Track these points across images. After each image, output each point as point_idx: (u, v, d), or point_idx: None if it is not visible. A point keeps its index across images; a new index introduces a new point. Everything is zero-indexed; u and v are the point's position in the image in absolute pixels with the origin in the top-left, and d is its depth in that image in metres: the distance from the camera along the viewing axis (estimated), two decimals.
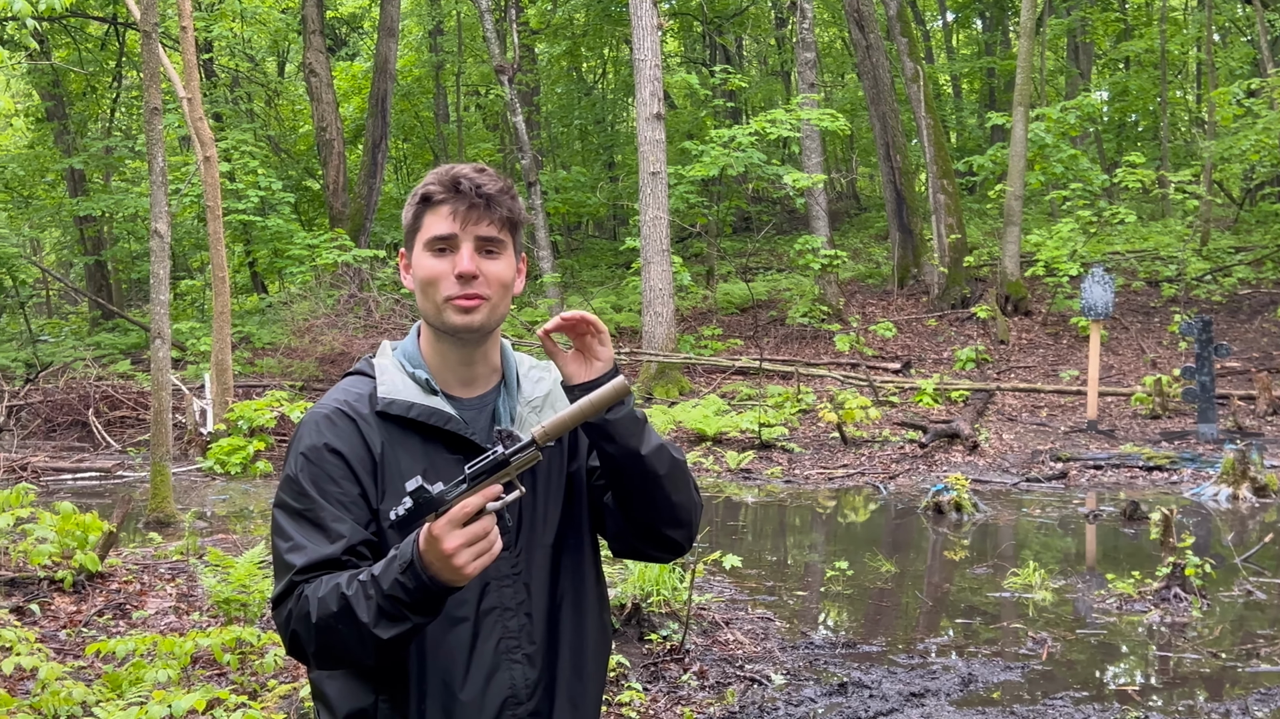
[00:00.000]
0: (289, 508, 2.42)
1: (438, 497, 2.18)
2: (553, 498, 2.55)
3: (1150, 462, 14.80)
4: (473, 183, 2.44)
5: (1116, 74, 34.57)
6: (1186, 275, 22.92)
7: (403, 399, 2.46)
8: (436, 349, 2.54)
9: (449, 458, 2.45)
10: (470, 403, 2.54)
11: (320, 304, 22.53)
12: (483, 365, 2.55)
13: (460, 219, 2.43)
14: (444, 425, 2.46)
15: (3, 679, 6.40)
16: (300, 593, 2.34)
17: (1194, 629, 8.21)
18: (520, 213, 2.51)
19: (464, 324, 2.44)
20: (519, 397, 2.57)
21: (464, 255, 2.42)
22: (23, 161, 30.53)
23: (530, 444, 2.23)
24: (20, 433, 18.79)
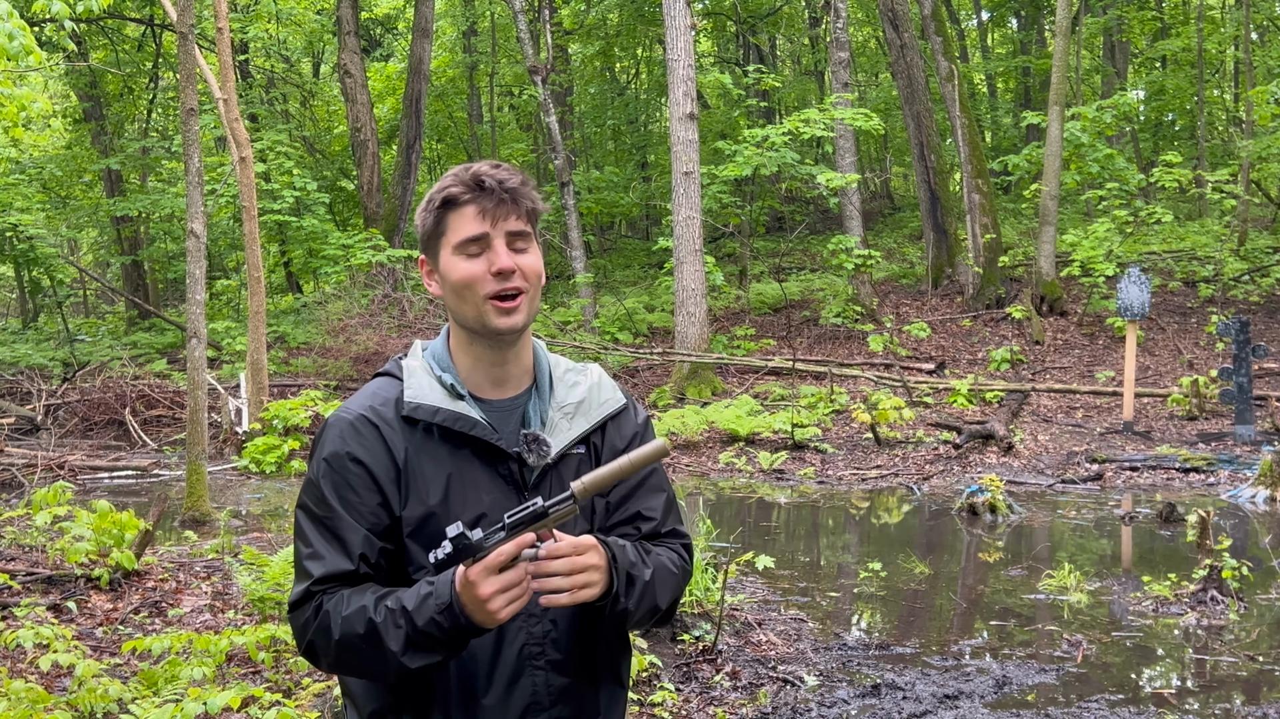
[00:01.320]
0: (310, 513, 2.44)
1: (476, 543, 2.21)
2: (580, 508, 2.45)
3: (1187, 463, 14.69)
4: (495, 179, 2.42)
5: (1153, 73, 34.33)
6: (1224, 275, 22.74)
7: (429, 404, 2.44)
8: (469, 351, 2.51)
9: (476, 463, 2.45)
10: (500, 405, 2.51)
11: (354, 304, 22.63)
12: (515, 366, 2.52)
13: (490, 217, 2.41)
14: (469, 431, 2.43)
15: (40, 676, 6.45)
16: (319, 605, 2.37)
17: (1230, 632, 8.15)
18: (540, 204, 2.50)
19: (509, 325, 2.42)
20: (551, 400, 2.54)
21: (500, 252, 2.40)
22: (60, 162, 30.78)
23: (569, 498, 2.24)
24: (58, 431, 18.95)
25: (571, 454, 2.52)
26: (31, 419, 19.31)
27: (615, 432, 2.60)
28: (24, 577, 8.40)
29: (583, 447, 2.55)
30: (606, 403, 2.60)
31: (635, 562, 2.42)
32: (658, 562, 2.50)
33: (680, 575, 2.57)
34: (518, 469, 2.46)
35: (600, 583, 2.31)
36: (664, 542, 2.60)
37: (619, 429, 2.61)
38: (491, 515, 2.39)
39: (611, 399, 2.61)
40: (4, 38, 9.49)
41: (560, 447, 2.49)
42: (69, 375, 22.01)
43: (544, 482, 2.48)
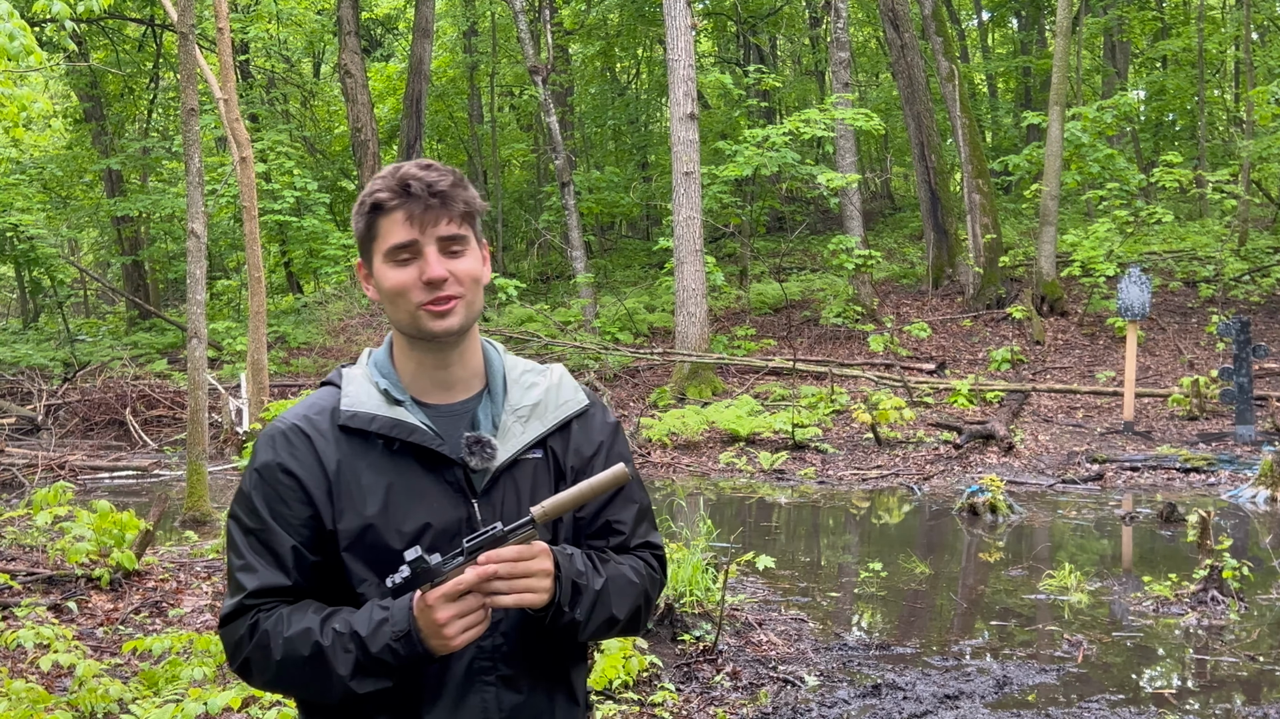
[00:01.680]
0: (242, 524, 2.37)
1: (435, 568, 2.19)
2: None
3: (1187, 463, 14.70)
4: (423, 182, 2.31)
5: (1153, 73, 34.32)
6: (1224, 276, 22.74)
7: (365, 411, 2.36)
8: (410, 356, 2.42)
9: (419, 471, 2.36)
10: (447, 409, 2.42)
11: (355, 304, 22.65)
12: (461, 369, 2.43)
13: (418, 223, 2.31)
14: (407, 438, 2.34)
15: (41, 676, 6.45)
16: (256, 623, 2.30)
17: (1231, 632, 8.15)
18: (476, 202, 2.39)
19: (443, 329, 2.33)
20: (505, 403, 2.44)
21: (430, 260, 2.30)
22: (61, 162, 30.78)
23: (529, 523, 2.21)
24: (58, 431, 18.95)
25: (527, 459, 2.43)
26: (32, 419, 19.32)
27: (582, 435, 2.50)
28: (24, 577, 8.40)
29: (539, 451, 2.45)
30: (565, 405, 2.49)
31: (584, 571, 2.33)
32: (615, 571, 2.41)
33: (645, 585, 2.47)
34: (463, 476, 2.36)
35: (545, 589, 2.24)
36: (635, 553, 2.51)
37: (585, 433, 2.51)
38: (437, 525, 2.33)
39: (572, 401, 2.51)
40: (5, 38, 9.49)
41: (512, 451, 2.40)
42: (69, 375, 22.02)
43: (496, 488, 2.38)
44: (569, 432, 2.49)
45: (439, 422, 2.39)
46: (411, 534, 2.31)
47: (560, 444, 2.47)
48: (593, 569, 2.37)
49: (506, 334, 22.77)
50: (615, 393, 20.41)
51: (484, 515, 2.35)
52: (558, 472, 2.46)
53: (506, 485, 2.39)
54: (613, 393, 20.28)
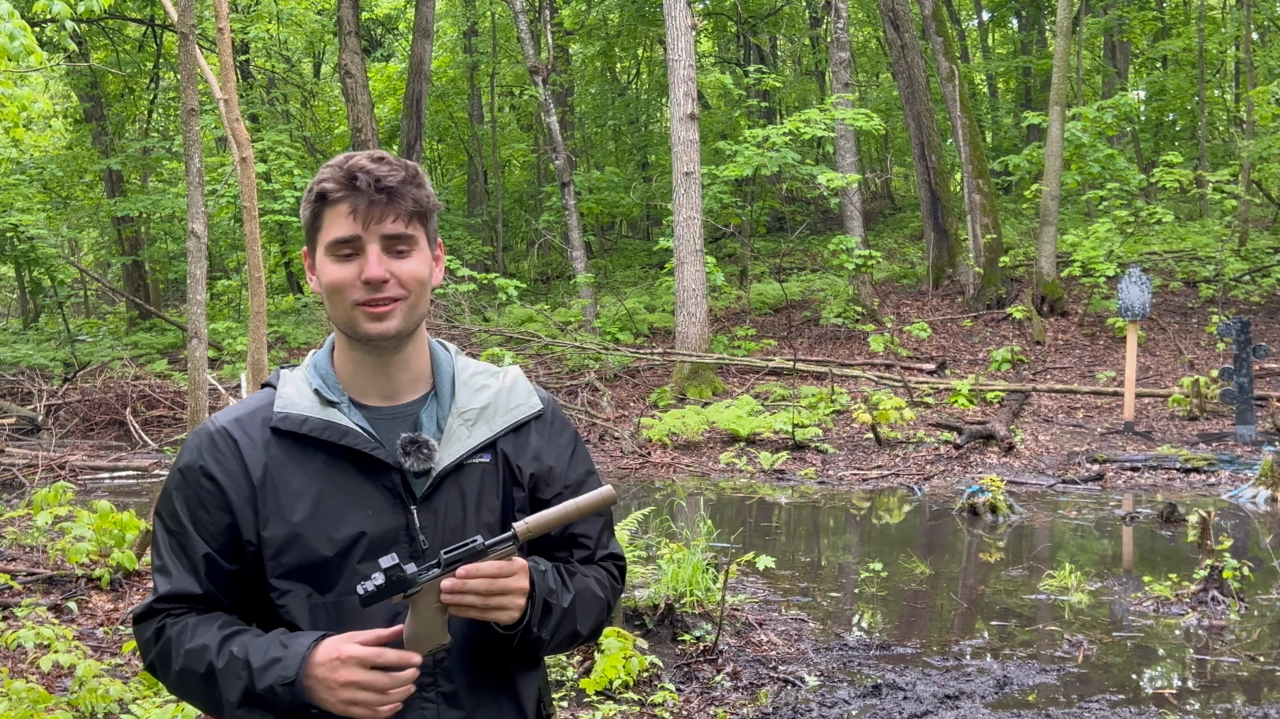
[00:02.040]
0: (164, 524, 2.30)
1: (410, 577, 2.10)
2: (481, 523, 2.30)
3: (1188, 463, 14.69)
4: (371, 176, 2.20)
5: (1154, 73, 34.31)
6: (1224, 276, 22.74)
7: (296, 413, 2.25)
8: (350, 357, 2.31)
9: (355, 476, 2.25)
10: (388, 412, 2.31)
11: None
12: (404, 373, 2.32)
13: (361, 218, 2.19)
14: (339, 440, 2.23)
15: (41, 676, 6.45)
16: (162, 627, 2.24)
17: (1232, 632, 8.15)
18: (429, 200, 2.28)
19: (379, 332, 2.21)
20: (452, 406, 2.33)
21: (370, 259, 2.19)
22: (61, 162, 30.75)
23: (510, 538, 2.15)
24: (58, 432, 18.95)
25: (474, 463, 2.31)
26: (32, 419, 19.32)
27: (541, 441, 2.40)
28: (25, 577, 8.40)
29: (488, 454, 2.33)
30: (517, 408, 2.38)
31: (555, 588, 2.27)
32: (582, 585, 2.35)
33: (608, 597, 2.42)
34: (401, 481, 2.25)
35: (518, 607, 2.17)
36: (599, 564, 2.46)
37: (545, 439, 2.41)
38: (372, 533, 2.22)
39: (524, 405, 2.40)
40: (5, 38, 9.49)
41: (456, 454, 2.28)
42: (70, 375, 22.01)
43: (439, 494, 2.27)
44: (525, 435, 2.39)
45: (379, 425, 2.28)
46: (344, 542, 2.21)
47: (513, 448, 2.37)
48: (563, 585, 2.30)
49: (507, 334, 22.77)
50: (615, 393, 20.41)
51: (424, 522, 2.25)
52: (509, 477, 2.35)
53: (450, 491, 2.28)
54: (613, 393, 20.28)
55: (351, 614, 2.21)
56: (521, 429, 2.38)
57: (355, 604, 2.16)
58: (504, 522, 2.30)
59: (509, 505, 2.34)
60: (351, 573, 2.21)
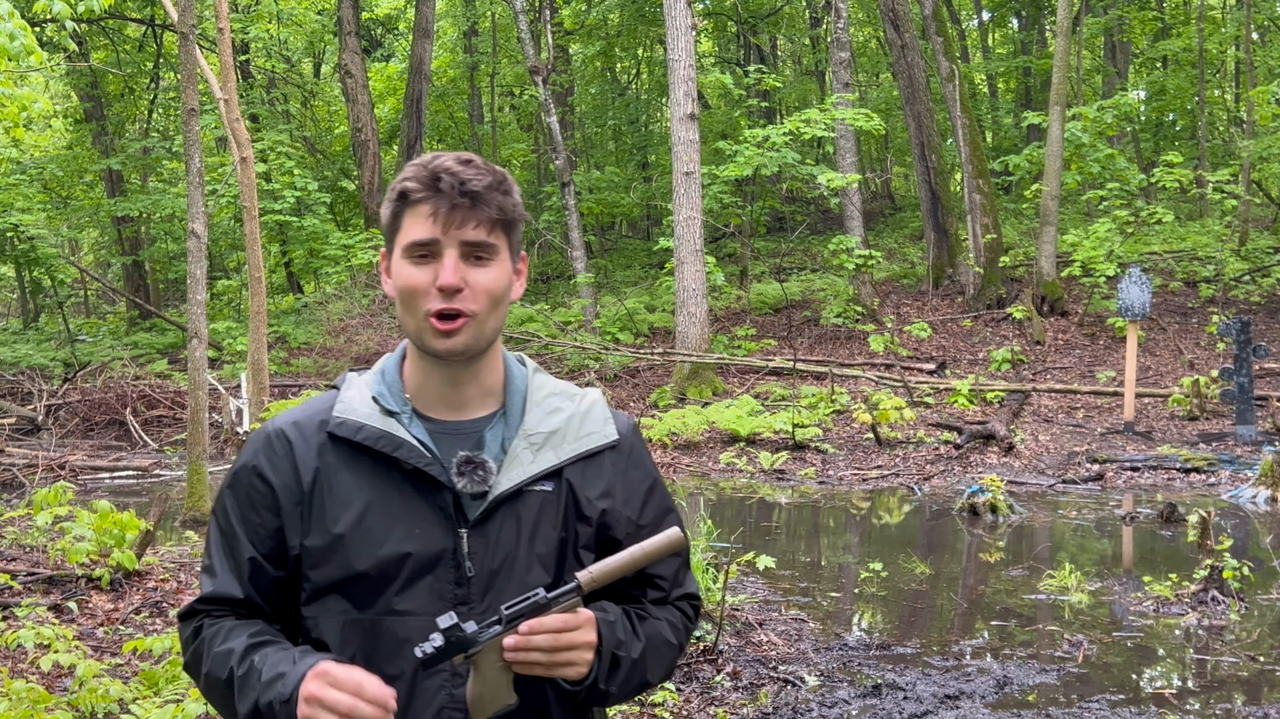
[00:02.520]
0: (217, 524, 2.21)
1: (471, 637, 1.98)
2: (535, 555, 2.15)
3: (1188, 463, 14.69)
4: (456, 178, 2.11)
5: (1154, 73, 34.32)
6: (1224, 276, 22.75)
7: (353, 420, 2.14)
8: (419, 366, 2.19)
9: (408, 492, 2.12)
10: (452, 426, 2.18)
11: (355, 304, 22.65)
12: (473, 388, 2.19)
13: (442, 221, 2.08)
14: (392, 452, 2.11)
15: (41, 676, 6.45)
16: (200, 627, 2.18)
17: (1232, 632, 8.15)
18: (515, 209, 2.17)
19: (446, 349, 2.10)
20: (520, 427, 2.18)
21: (447, 265, 2.07)
22: (61, 162, 30.77)
23: (574, 589, 2.02)
24: (58, 432, 18.95)
25: (534, 491, 2.15)
26: (32, 419, 19.32)
27: (613, 473, 2.24)
28: (25, 577, 8.40)
29: (551, 483, 2.17)
30: (589, 436, 2.22)
31: (624, 639, 2.13)
32: (653, 631, 2.21)
33: (680, 641, 2.28)
34: (453, 501, 2.11)
35: (586, 663, 2.05)
36: (673, 605, 2.31)
37: (618, 471, 2.25)
38: (417, 554, 2.09)
39: (597, 433, 2.23)
40: (5, 38, 9.49)
41: (516, 480, 2.13)
42: (70, 375, 22.01)
43: (492, 520, 2.12)
44: (597, 466, 2.22)
45: (440, 440, 2.15)
46: (386, 560, 2.09)
47: (581, 479, 2.20)
48: (632, 634, 2.16)
49: (507, 334, 22.71)
50: (615, 393, 20.41)
51: (473, 548, 2.11)
52: (573, 510, 2.18)
53: (505, 518, 2.13)
54: (613, 393, 20.28)
55: (388, 637, 2.09)
56: (593, 459, 2.22)
57: (392, 627, 2.08)
58: (560, 556, 2.16)
59: (569, 540, 2.18)
60: (391, 594, 2.10)
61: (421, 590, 2.09)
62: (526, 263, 2.28)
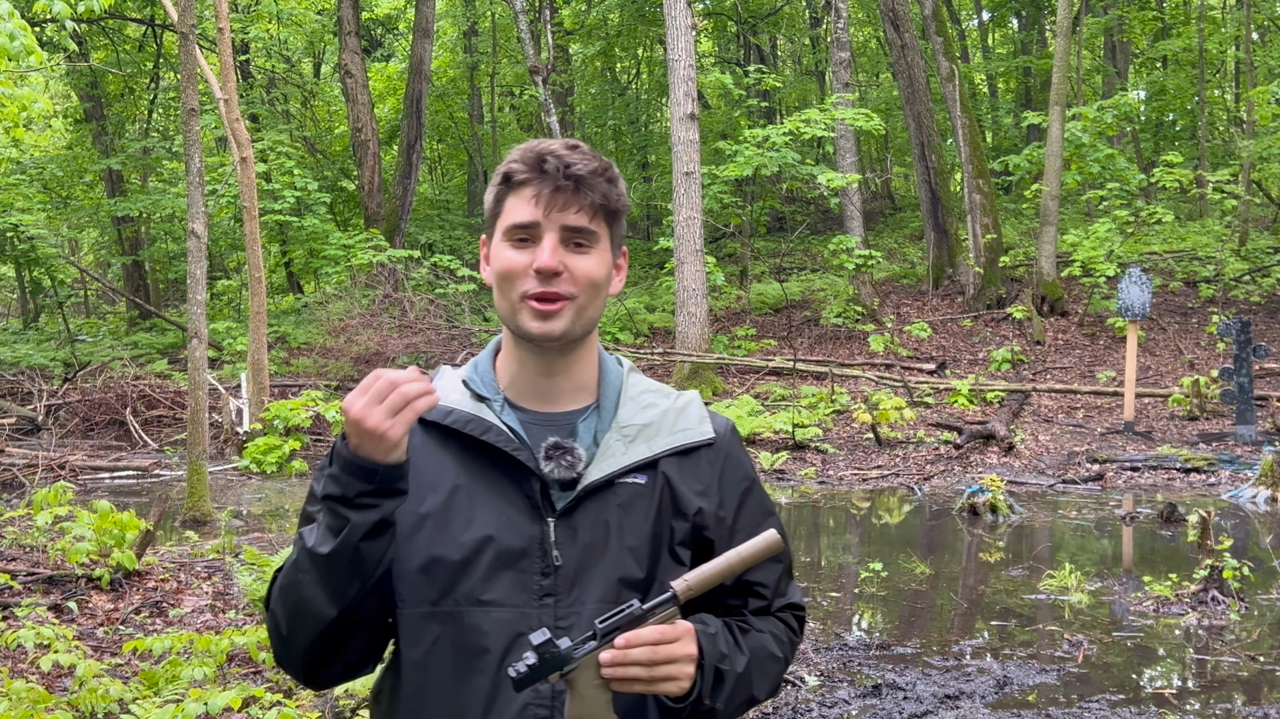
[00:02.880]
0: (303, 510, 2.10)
1: (565, 653, 1.89)
2: (626, 548, 2.08)
3: (1188, 463, 14.69)
4: (561, 161, 2.05)
5: (1154, 73, 34.34)
6: (1224, 276, 22.75)
7: (443, 404, 2.09)
8: (514, 355, 2.15)
9: (495, 477, 2.07)
10: (546, 417, 2.13)
11: (355, 304, 22.64)
12: (566, 379, 2.14)
13: (544, 204, 2.04)
14: (480, 435, 2.07)
15: (41, 676, 6.45)
16: None
17: (1232, 632, 8.15)
18: (619, 199, 2.11)
19: (541, 332, 2.05)
20: (614, 420, 2.13)
21: (545, 247, 2.03)
22: (61, 162, 30.78)
23: (670, 599, 1.94)
24: (58, 432, 18.95)
25: (625, 483, 2.09)
26: (32, 419, 19.32)
27: (711, 473, 2.17)
28: (25, 577, 8.40)
29: (643, 476, 2.10)
30: (684, 432, 2.16)
31: (727, 652, 2.05)
32: (756, 643, 2.14)
33: (786, 656, 2.20)
34: (540, 489, 2.06)
35: (687, 677, 1.95)
36: (776, 615, 2.23)
37: (715, 470, 2.18)
38: (501, 541, 2.03)
39: (693, 429, 2.17)
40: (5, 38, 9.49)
41: (608, 470, 2.07)
42: (70, 375, 22.01)
43: (580, 511, 2.06)
44: (694, 464, 2.16)
45: (531, 430, 2.11)
46: (471, 545, 2.03)
47: (679, 473, 2.14)
48: (735, 647, 2.09)
49: None
50: None
51: (560, 538, 2.04)
52: (669, 504, 2.12)
53: (594, 509, 2.07)
54: None
55: (470, 630, 2.03)
56: (690, 456, 2.16)
57: (475, 619, 2.02)
58: (654, 550, 2.09)
59: (662, 535, 2.11)
60: (475, 582, 2.03)
61: (506, 580, 2.03)
62: (628, 258, 2.24)
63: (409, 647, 2.06)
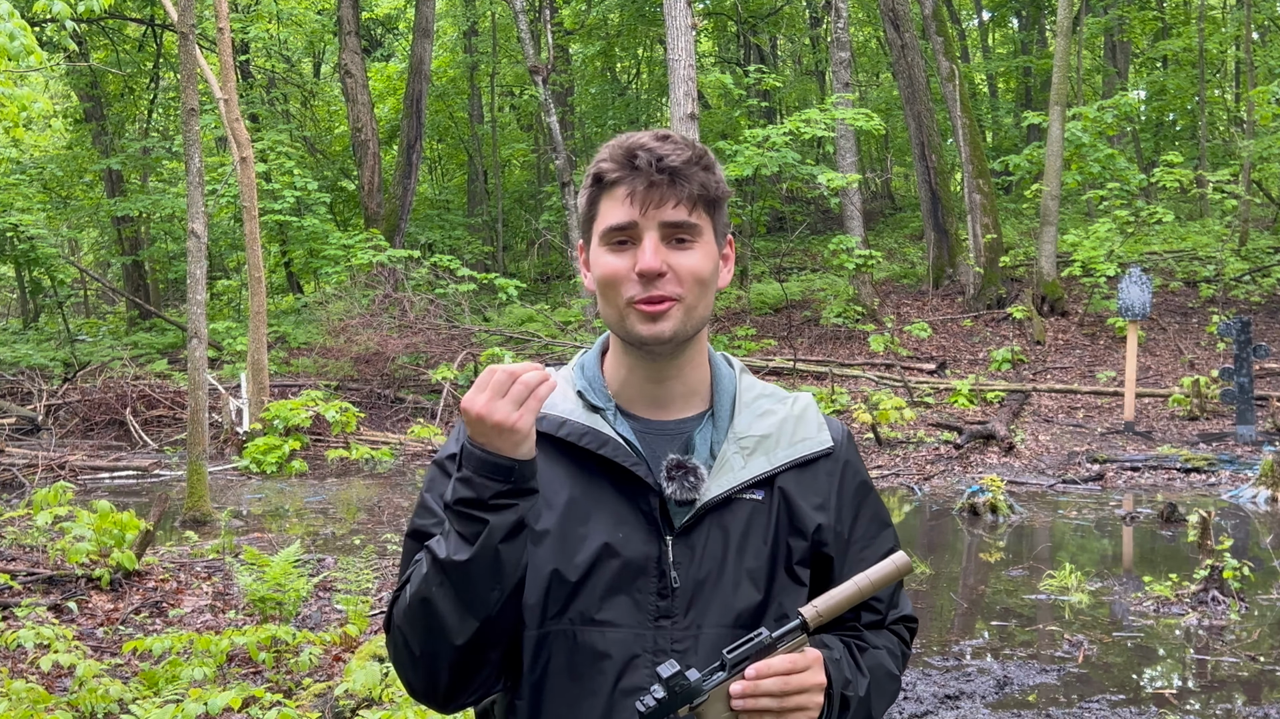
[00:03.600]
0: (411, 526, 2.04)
1: (695, 685, 1.81)
2: (744, 569, 2.00)
3: (1188, 463, 14.69)
4: (652, 155, 1.94)
5: (1154, 73, 34.34)
6: (1225, 275, 22.74)
7: (556, 415, 2.01)
8: (622, 361, 2.06)
9: (612, 493, 1.99)
10: (659, 426, 2.04)
11: (355, 304, 22.63)
12: (678, 384, 2.05)
13: (639, 201, 1.94)
14: (597, 449, 1.98)
15: (41, 676, 6.45)
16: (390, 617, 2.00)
17: (1232, 632, 8.14)
18: (718, 187, 2.01)
19: (652, 335, 1.95)
20: (730, 430, 2.04)
21: (646, 248, 1.93)
22: (61, 162, 30.78)
23: (799, 627, 1.87)
24: (58, 432, 18.95)
25: (743, 499, 2.01)
26: (32, 419, 19.32)
27: (828, 484, 2.09)
28: (25, 577, 8.40)
29: (761, 491, 2.02)
30: (804, 442, 2.06)
31: (851, 677, 1.98)
32: (874, 662, 2.06)
33: (900, 672, 2.14)
34: (659, 506, 1.97)
35: (817, 705, 1.88)
36: (889, 629, 2.16)
37: (833, 481, 2.09)
38: (618, 559, 1.95)
39: (812, 439, 2.08)
40: (5, 38, 9.49)
41: (727, 486, 1.98)
42: (70, 375, 22.01)
43: (699, 529, 1.98)
44: (812, 476, 2.07)
45: (646, 439, 2.01)
46: (587, 564, 1.95)
47: (797, 488, 2.05)
48: (857, 670, 2.02)
49: (507, 334, 22.77)
50: None
51: (678, 557, 1.96)
52: (786, 521, 2.04)
53: (713, 527, 1.98)
54: None
55: (585, 651, 1.96)
56: (807, 467, 2.07)
57: (590, 640, 1.95)
58: (771, 571, 2.02)
59: (780, 553, 2.03)
60: (590, 601, 1.96)
61: (622, 600, 1.95)
62: (734, 246, 2.14)
63: (527, 664, 1.99)
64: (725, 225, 2.06)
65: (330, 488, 15.01)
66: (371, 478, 15.68)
